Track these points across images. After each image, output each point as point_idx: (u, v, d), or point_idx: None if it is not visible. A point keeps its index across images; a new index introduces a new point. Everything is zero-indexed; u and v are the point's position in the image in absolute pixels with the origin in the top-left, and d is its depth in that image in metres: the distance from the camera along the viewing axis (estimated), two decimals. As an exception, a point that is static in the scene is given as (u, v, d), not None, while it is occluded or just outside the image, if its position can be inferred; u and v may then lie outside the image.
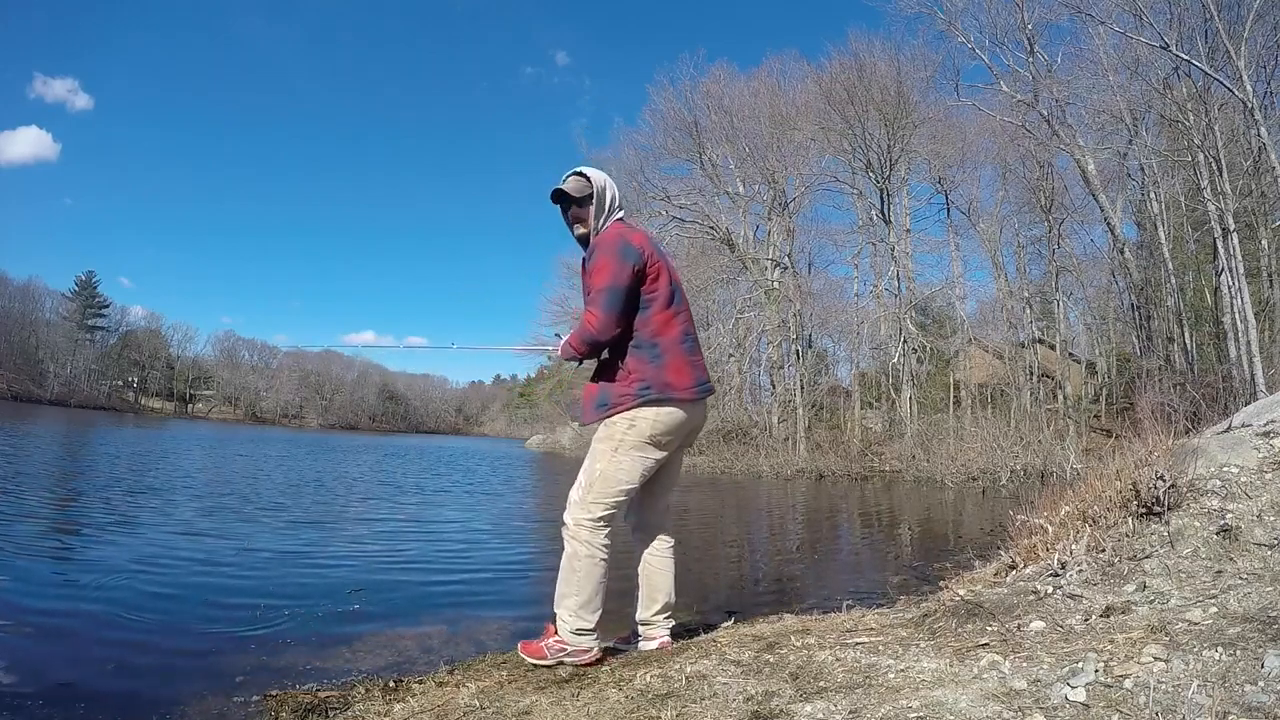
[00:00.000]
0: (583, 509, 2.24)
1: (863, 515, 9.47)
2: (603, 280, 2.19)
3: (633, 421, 2.23)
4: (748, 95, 22.69)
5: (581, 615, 2.20)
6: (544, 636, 2.26)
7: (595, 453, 2.27)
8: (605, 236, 2.28)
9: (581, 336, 2.24)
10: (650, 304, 2.26)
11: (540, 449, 34.24)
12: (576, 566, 2.21)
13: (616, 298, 2.19)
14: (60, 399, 54.60)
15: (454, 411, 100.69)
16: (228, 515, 6.25)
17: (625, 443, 2.23)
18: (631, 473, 2.25)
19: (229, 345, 76.21)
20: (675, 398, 2.25)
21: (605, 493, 2.23)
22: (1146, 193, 16.32)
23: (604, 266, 2.20)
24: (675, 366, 2.26)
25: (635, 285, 2.23)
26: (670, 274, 2.34)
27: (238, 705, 2.15)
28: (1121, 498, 2.74)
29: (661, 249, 2.40)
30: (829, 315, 21.87)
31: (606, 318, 2.19)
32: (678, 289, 2.37)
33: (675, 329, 2.30)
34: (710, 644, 2.31)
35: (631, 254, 2.21)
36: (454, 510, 8.12)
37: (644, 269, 2.24)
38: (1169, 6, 13.02)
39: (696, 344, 2.40)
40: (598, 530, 2.22)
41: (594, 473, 2.25)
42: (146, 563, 4.12)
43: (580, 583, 2.20)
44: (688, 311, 2.40)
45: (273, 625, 3.08)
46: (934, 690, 1.58)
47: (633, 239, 2.27)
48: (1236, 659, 1.52)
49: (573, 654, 2.19)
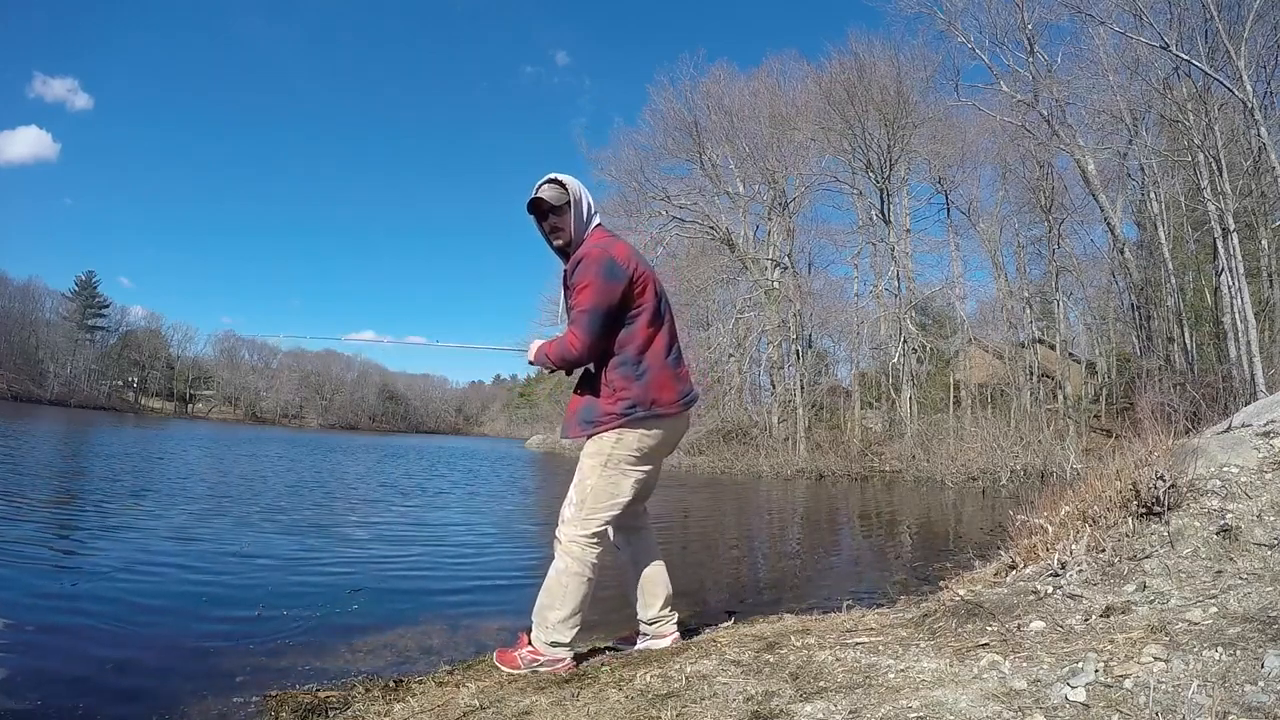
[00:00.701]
0: (576, 525, 2.23)
1: (863, 515, 9.47)
2: (587, 300, 2.15)
3: (620, 436, 2.23)
4: (748, 95, 22.73)
5: (561, 630, 2.21)
6: (517, 646, 2.27)
7: (584, 469, 2.27)
8: (591, 253, 2.20)
9: (561, 354, 2.22)
10: (636, 319, 2.23)
11: (540, 449, 34.22)
12: (565, 581, 2.21)
13: (600, 320, 2.16)
14: (60, 399, 54.59)
15: (454, 411, 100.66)
16: (228, 517, 6.25)
17: (614, 457, 2.23)
18: (623, 486, 2.26)
19: (229, 345, 76.25)
20: (660, 414, 2.25)
21: (598, 508, 2.24)
22: (1146, 193, 16.32)
23: (589, 286, 2.15)
24: (660, 382, 2.25)
25: (621, 305, 2.20)
26: (655, 285, 2.30)
27: (238, 705, 2.15)
28: (1121, 498, 2.74)
29: (644, 260, 2.36)
30: (829, 315, 21.87)
31: (589, 340, 2.17)
32: (662, 299, 2.33)
33: (660, 343, 2.28)
34: (710, 644, 2.31)
35: (618, 273, 2.17)
36: (455, 511, 8.12)
37: (630, 286, 2.20)
38: (1169, 6, 13.03)
39: (680, 355, 2.39)
40: (591, 547, 2.22)
41: (585, 489, 2.25)
42: (146, 564, 4.13)
43: (567, 597, 2.21)
44: (672, 322, 2.39)
45: (273, 625, 3.08)
46: (934, 690, 1.58)
47: (617, 255, 2.21)
48: (1236, 659, 1.52)
49: (546, 664, 2.19)
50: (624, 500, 2.27)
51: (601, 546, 2.26)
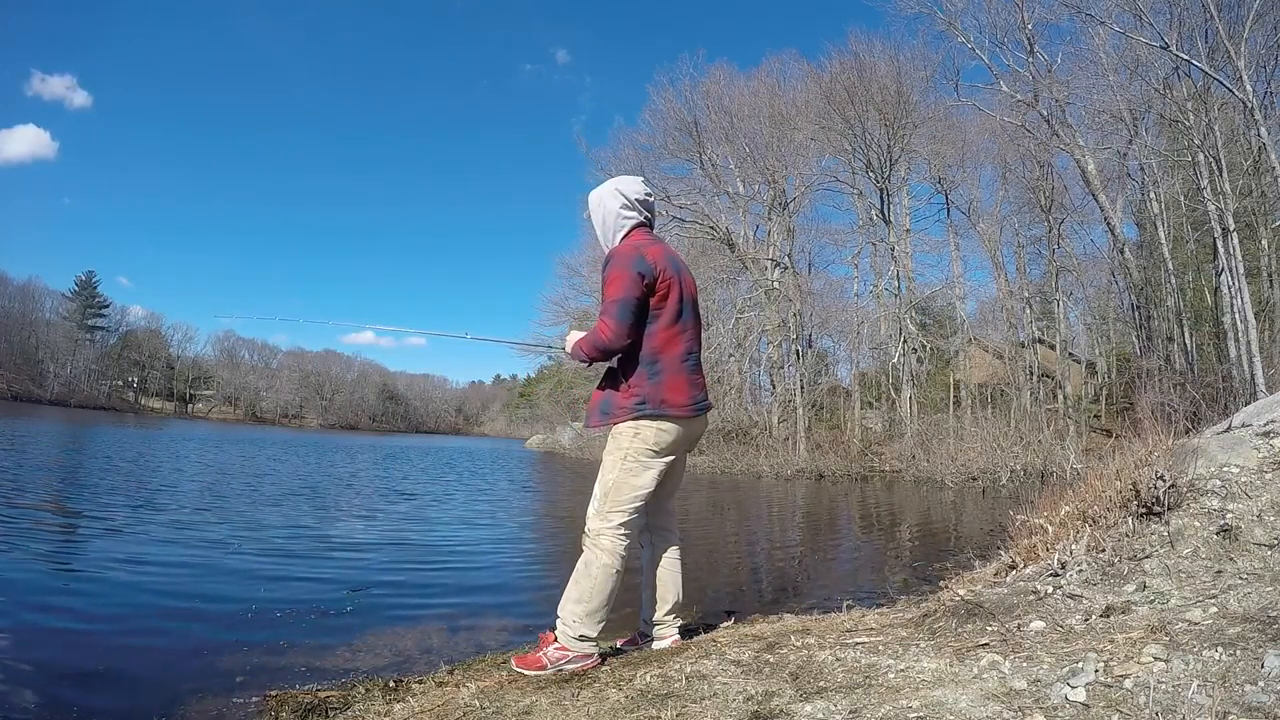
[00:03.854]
0: (601, 519, 2.28)
1: (863, 515, 9.47)
2: (615, 292, 2.24)
3: (637, 430, 2.29)
4: (748, 95, 22.71)
5: (587, 623, 2.21)
6: (540, 646, 2.25)
7: (606, 465, 2.33)
8: (623, 249, 2.33)
9: (594, 343, 2.29)
10: (656, 319, 2.30)
11: (540, 449, 34.24)
12: (593, 574, 2.22)
13: (629, 310, 2.24)
14: (60, 399, 54.60)
15: (454, 411, 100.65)
16: (227, 517, 6.25)
17: (632, 451, 2.29)
18: (643, 479, 2.30)
19: (229, 345, 76.25)
20: (670, 414, 2.30)
21: (620, 501, 2.28)
22: (1146, 193, 16.32)
23: (616, 279, 2.25)
24: (673, 384, 2.31)
25: (646, 298, 2.27)
26: (683, 290, 2.37)
27: (238, 705, 2.15)
28: (1121, 498, 2.74)
29: (679, 264, 2.42)
30: (829, 315, 21.89)
31: (619, 327, 2.24)
32: (687, 306, 2.39)
33: (678, 347, 2.34)
34: (710, 644, 2.31)
35: (646, 269, 2.26)
36: (455, 512, 8.12)
37: (654, 283, 2.27)
38: (1169, 6, 13.02)
39: (698, 363, 2.44)
40: (619, 539, 2.25)
41: (607, 483, 2.30)
42: (145, 564, 4.13)
43: (593, 591, 2.22)
44: (695, 329, 2.43)
45: (273, 626, 3.08)
46: (934, 690, 1.58)
47: (648, 253, 2.30)
48: (1236, 659, 1.52)
49: (574, 660, 2.19)
50: (646, 492, 2.31)
51: (629, 539, 2.29)
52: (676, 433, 2.33)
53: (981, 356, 20.27)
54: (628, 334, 2.25)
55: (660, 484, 2.40)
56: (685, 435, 2.37)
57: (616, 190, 2.41)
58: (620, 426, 2.31)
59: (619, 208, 2.40)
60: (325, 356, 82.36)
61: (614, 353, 2.32)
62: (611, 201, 2.40)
